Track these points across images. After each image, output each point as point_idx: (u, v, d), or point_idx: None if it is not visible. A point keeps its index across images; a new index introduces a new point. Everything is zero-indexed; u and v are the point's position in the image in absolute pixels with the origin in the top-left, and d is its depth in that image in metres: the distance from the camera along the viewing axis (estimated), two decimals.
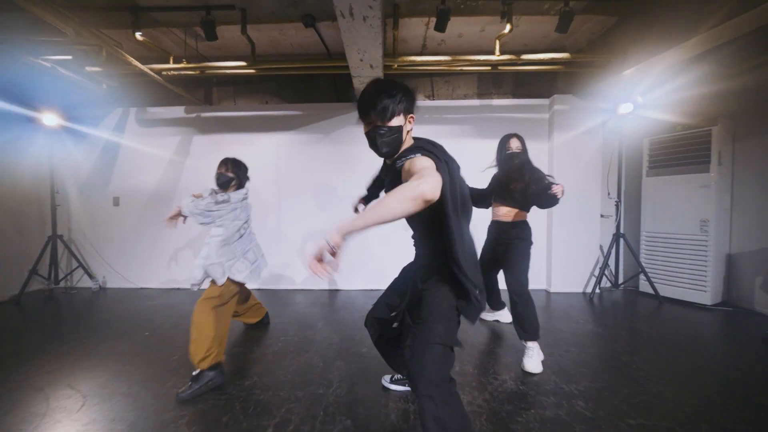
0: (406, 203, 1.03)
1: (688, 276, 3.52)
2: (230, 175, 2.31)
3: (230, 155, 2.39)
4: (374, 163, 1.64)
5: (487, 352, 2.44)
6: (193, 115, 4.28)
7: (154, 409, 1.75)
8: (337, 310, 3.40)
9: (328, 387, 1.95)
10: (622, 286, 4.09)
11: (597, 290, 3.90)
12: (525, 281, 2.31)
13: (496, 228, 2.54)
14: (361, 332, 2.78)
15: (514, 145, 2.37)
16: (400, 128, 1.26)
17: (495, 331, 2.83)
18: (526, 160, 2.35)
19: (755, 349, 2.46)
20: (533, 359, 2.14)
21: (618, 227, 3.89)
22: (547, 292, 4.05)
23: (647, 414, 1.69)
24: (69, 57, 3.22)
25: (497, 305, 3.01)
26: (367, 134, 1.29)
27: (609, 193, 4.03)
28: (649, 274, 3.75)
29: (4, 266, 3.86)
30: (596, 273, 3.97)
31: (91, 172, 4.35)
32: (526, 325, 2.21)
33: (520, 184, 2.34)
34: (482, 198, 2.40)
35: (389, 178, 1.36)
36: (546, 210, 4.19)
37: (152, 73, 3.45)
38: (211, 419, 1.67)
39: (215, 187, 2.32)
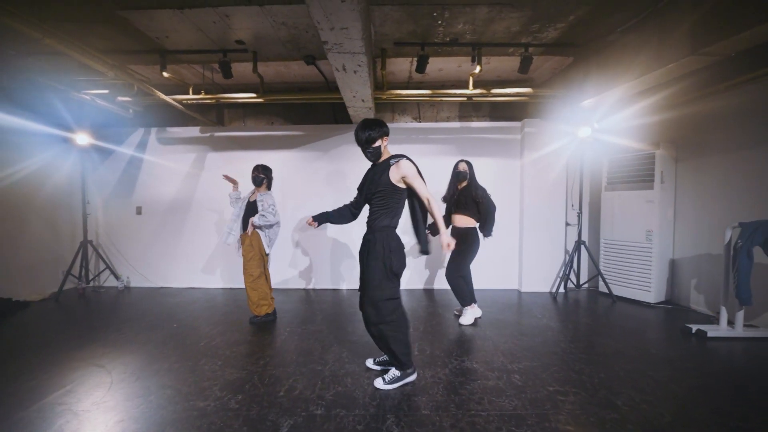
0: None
1: (637, 278, 4.08)
2: (261, 176, 3.35)
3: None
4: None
5: (454, 341, 3.00)
6: (207, 134, 4.84)
7: (193, 380, 2.31)
8: (334, 306, 3.96)
9: (324, 365, 2.52)
10: (584, 286, 4.65)
11: (562, 290, 4.47)
12: (456, 271, 3.34)
13: (452, 232, 3.46)
14: (353, 324, 3.34)
15: (462, 167, 3.37)
16: (379, 147, 2.20)
17: (466, 326, 3.38)
18: (472, 178, 3.37)
19: (673, 338, 3.02)
20: (466, 316, 3.35)
21: (579, 234, 4.45)
22: (519, 292, 4.62)
23: (564, 383, 2.25)
24: (105, 91, 3.78)
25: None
26: (362, 151, 2.25)
27: (573, 205, 4.59)
28: (606, 276, 4.31)
29: (44, 268, 4.43)
30: (561, 275, 4.53)
31: (116, 184, 4.91)
32: (459, 296, 3.36)
33: (469, 195, 3.34)
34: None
35: (374, 175, 2.23)
36: (518, 218, 4.84)
37: (174, 103, 4.00)
38: (237, 386, 2.23)
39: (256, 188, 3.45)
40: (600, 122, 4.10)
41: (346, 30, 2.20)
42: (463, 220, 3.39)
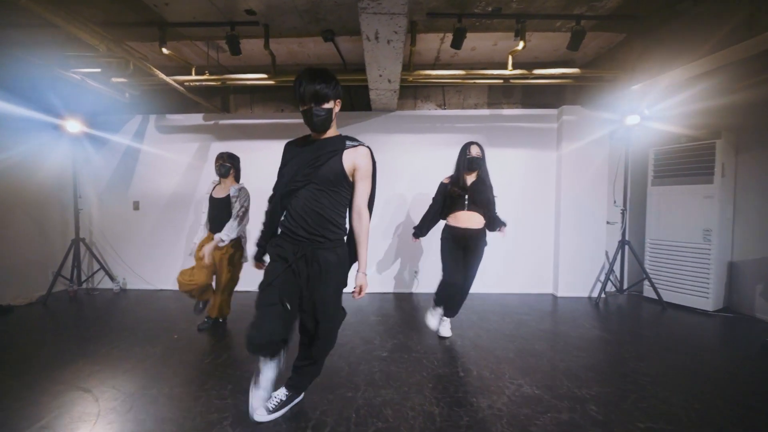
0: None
1: (691, 282, 3.66)
2: (228, 164, 2.93)
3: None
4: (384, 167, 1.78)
5: (503, 358, 2.57)
6: (211, 122, 4.41)
7: (199, 411, 1.89)
8: (356, 314, 3.52)
9: (356, 390, 2.10)
10: (627, 291, 4.22)
11: (602, 295, 4.04)
12: (470, 283, 2.81)
13: (458, 234, 2.70)
14: (380, 336, 2.92)
15: (474, 151, 2.64)
16: (330, 111, 1.54)
17: (508, 335, 2.96)
18: (485, 171, 2.71)
19: (755, 356, 2.60)
20: (432, 320, 2.86)
21: (623, 234, 4.02)
22: (554, 296, 4.20)
23: (654, 418, 1.83)
24: (98, 70, 3.34)
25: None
26: (304, 112, 1.53)
27: (615, 201, 4.16)
28: (653, 280, 3.88)
29: (31, 269, 4.00)
30: (602, 278, 4.11)
31: (112, 177, 4.48)
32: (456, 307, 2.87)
33: (484, 194, 2.67)
34: None
35: (318, 152, 1.57)
36: (553, 215, 4.34)
37: (175, 84, 3.57)
38: (253, 421, 1.81)
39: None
40: (650, 108, 3.66)
41: None
42: (475, 219, 2.67)
